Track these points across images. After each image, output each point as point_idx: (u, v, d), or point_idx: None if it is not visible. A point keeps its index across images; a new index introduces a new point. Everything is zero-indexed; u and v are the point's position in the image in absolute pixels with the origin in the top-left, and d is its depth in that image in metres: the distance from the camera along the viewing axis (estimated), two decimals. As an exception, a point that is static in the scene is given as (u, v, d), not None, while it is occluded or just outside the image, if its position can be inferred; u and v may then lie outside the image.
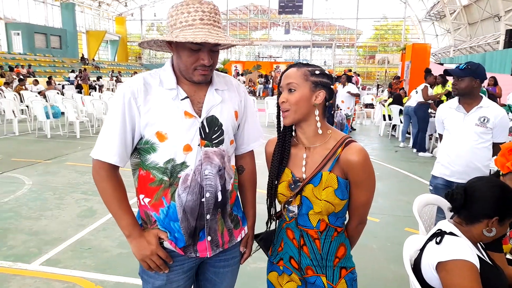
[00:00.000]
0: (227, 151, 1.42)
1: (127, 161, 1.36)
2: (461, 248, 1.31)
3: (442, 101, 7.52)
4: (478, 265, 1.30)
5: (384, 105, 9.93)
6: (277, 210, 1.47)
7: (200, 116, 1.34)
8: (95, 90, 19.21)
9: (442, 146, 2.81)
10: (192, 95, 1.36)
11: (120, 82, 24.75)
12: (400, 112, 8.79)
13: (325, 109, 1.37)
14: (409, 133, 8.56)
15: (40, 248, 3.32)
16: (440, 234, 1.39)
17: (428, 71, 7.91)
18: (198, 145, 1.33)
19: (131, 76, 27.55)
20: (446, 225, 1.46)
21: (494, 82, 9.97)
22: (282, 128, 1.41)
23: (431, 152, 7.65)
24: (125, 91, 1.29)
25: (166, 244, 1.37)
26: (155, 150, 1.33)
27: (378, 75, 33.18)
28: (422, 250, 1.45)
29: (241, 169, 1.57)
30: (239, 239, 1.51)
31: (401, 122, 8.76)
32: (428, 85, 7.59)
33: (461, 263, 1.27)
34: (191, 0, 1.25)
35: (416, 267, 1.47)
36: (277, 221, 1.50)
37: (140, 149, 1.36)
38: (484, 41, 26.15)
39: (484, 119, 2.59)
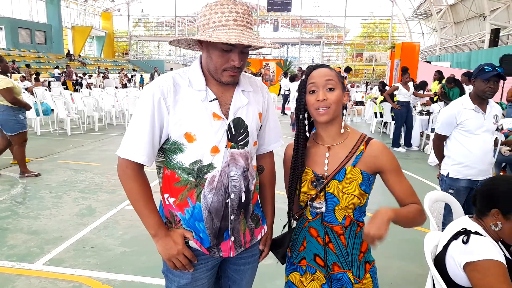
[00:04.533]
0: (251, 152, 1.44)
1: (153, 160, 1.36)
2: (489, 248, 1.35)
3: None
4: (505, 264, 1.32)
5: (375, 103, 10.04)
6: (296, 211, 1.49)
7: (227, 118, 1.34)
8: (81, 87, 18.85)
9: (459, 148, 2.79)
10: (220, 96, 1.35)
11: (108, 78, 24.32)
12: (391, 109, 8.91)
13: None
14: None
15: (42, 248, 3.27)
16: (465, 233, 1.41)
17: (404, 70, 8.02)
18: (225, 146, 1.34)
19: (119, 72, 27.15)
20: (469, 223, 1.48)
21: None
22: (298, 129, 1.42)
23: (423, 150, 7.85)
24: (154, 91, 1.28)
25: (192, 243, 1.38)
26: (182, 150, 1.32)
27: (365, 73, 33.51)
28: (445, 247, 1.47)
29: (261, 169, 1.58)
30: (259, 237, 1.53)
31: (393, 119, 8.87)
32: (400, 85, 7.75)
33: (491, 263, 1.30)
34: (226, 0, 1.24)
35: (438, 264, 1.50)
36: (295, 221, 1.52)
37: (166, 149, 1.36)
38: (470, 40, 26.66)
39: (496, 117, 2.79)
